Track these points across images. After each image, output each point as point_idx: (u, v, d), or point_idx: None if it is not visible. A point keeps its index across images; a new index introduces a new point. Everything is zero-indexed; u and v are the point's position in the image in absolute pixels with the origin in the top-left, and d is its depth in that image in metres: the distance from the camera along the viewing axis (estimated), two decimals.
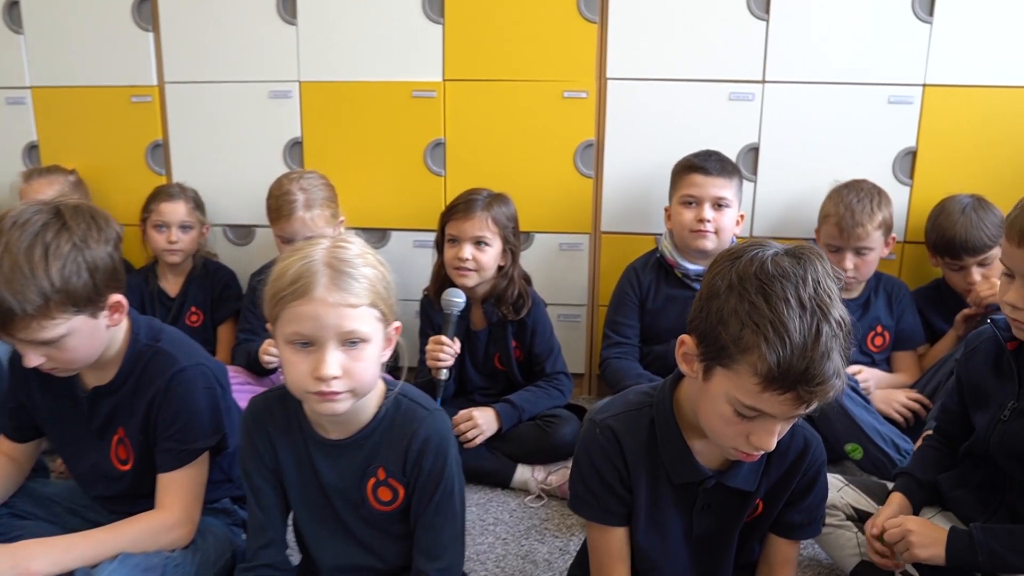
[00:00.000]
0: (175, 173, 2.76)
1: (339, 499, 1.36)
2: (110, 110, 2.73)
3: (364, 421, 1.33)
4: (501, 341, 2.26)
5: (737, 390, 1.07)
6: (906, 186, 2.48)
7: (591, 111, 2.53)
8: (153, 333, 1.54)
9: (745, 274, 1.07)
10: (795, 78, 2.45)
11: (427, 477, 1.31)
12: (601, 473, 1.27)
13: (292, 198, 2.34)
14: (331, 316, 1.18)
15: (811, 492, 1.30)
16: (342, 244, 1.25)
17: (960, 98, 2.41)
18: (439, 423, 1.34)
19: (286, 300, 1.20)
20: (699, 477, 1.25)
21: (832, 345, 1.03)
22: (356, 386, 1.23)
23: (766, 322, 1.02)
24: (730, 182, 2.26)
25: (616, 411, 1.29)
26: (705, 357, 1.12)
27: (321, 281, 1.18)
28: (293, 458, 1.36)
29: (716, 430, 1.15)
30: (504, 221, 2.20)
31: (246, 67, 2.64)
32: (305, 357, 1.21)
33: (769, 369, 1.02)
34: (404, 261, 2.67)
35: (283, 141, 2.68)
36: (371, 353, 1.23)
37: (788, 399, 1.04)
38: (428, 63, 2.55)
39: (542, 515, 2.02)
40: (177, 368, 1.49)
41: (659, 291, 2.36)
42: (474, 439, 2.11)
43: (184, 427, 1.49)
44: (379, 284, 1.24)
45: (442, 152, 2.61)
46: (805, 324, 1.02)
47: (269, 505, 1.38)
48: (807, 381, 1.02)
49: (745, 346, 1.04)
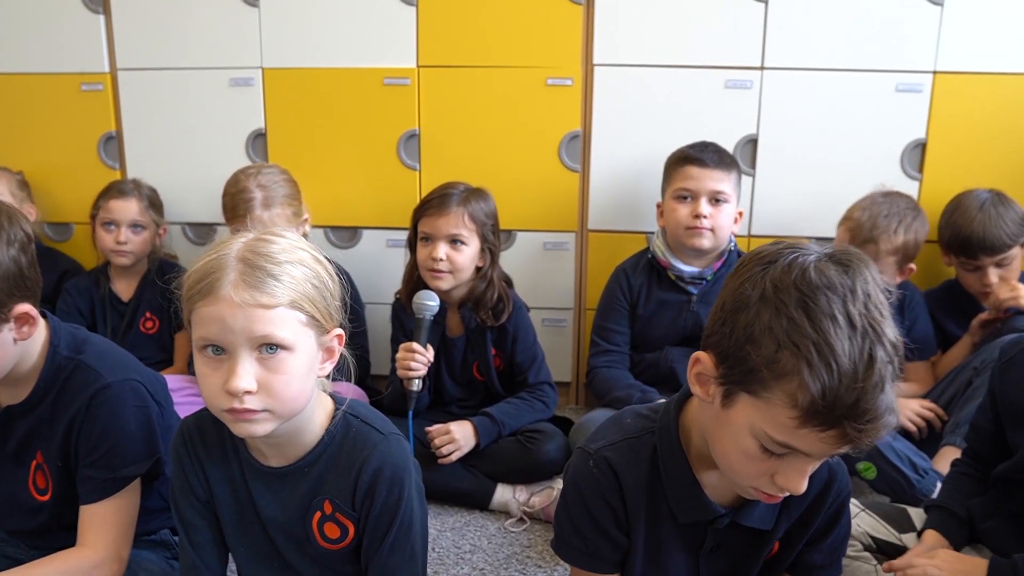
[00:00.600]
0: (129, 168, 2.61)
1: (280, 535, 1.20)
2: (58, 99, 2.58)
3: (308, 446, 1.17)
4: (480, 348, 2.11)
5: (767, 423, 0.90)
6: (915, 181, 2.35)
7: (577, 100, 2.41)
8: (75, 344, 1.36)
9: (782, 283, 0.90)
10: (796, 64, 2.32)
11: (380, 512, 1.15)
12: (594, 514, 1.10)
13: (249, 196, 2.18)
14: (239, 318, 1.02)
15: (834, 529, 1.14)
16: (266, 237, 1.08)
17: (973, 86, 2.28)
18: (395, 449, 1.17)
19: (193, 300, 1.05)
20: (709, 516, 1.08)
21: (886, 373, 0.86)
22: (276, 405, 1.05)
23: (809, 343, 0.85)
24: (728, 175, 2.10)
25: (612, 440, 1.12)
26: (727, 380, 0.95)
27: (229, 277, 1.03)
28: (228, 488, 1.20)
29: (734, 467, 0.98)
30: (482, 218, 2.05)
31: (205, 52, 2.50)
32: (216, 368, 1.04)
33: (812, 401, 0.85)
34: (376, 262, 2.54)
35: (245, 132, 2.54)
36: (295, 365, 1.06)
37: (830, 437, 0.87)
38: (401, 48, 2.42)
39: (524, 541, 1.87)
40: (101, 384, 1.32)
41: (651, 295, 2.20)
42: (450, 455, 1.95)
43: (109, 452, 1.32)
44: (308, 283, 1.07)
45: (416, 144, 2.48)
46: (856, 347, 0.85)
47: (203, 542, 1.21)
48: (856, 417, 0.85)
49: (782, 371, 0.87)
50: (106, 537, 1.31)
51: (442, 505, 2.00)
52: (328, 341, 1.12)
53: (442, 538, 1.86)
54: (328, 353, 1.13)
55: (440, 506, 1.99)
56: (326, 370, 1.13)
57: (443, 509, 1.99)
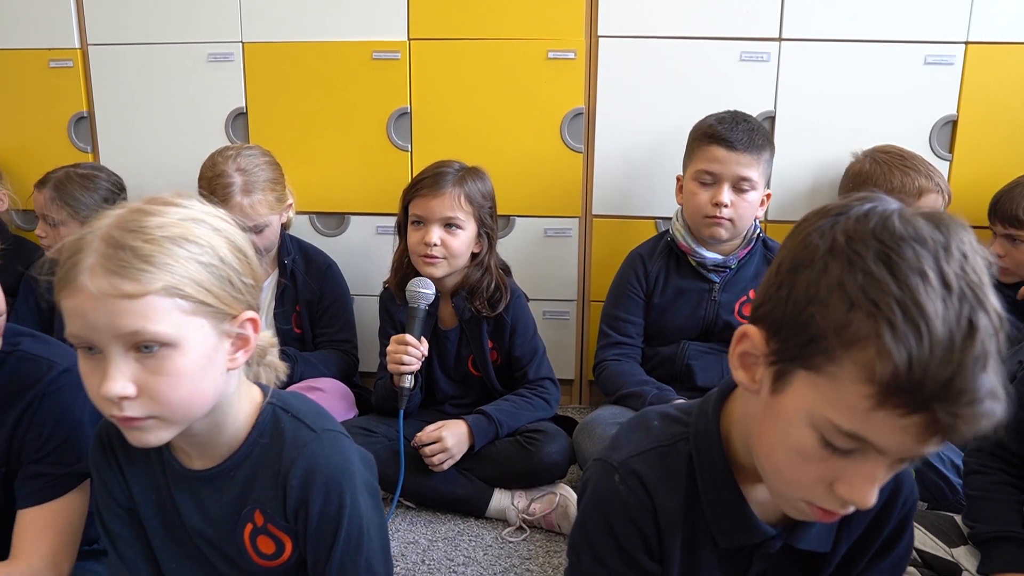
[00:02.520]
0: (102, 150, 2.48)
1: (210, 549, 1.05)
2: (24, 77, 2.45)
3: (233, 445, 1.01)
4: (475, 341, 1.96)
5: (831, 407, 0.71)
6: (945, 161, 2.21)
7: (580, 75, 2.27)
8: (6, 338, 1.21)
9: (857, 233, 0.72)
10: (817, 35, 2.19)
11: (319, 524, 0.99)
12: (621, 541, 0.91)
13: (228, 181, 2.02)
14: (100, 311, 0.85)
15: (897, 545, 0.96)
16: (145, 208, 0.91)
17: (1009, 58, 2.14)
18: (328, 449, 1.01)
19: (57, 288, 0.89)
20: (757, 539, 0.90)
21: (990, 347, 0.67)
22: (163, 410, 0.90)
23: (892, 301, 0.67)
24: (758, 159, 1.93)
25: (640, 448, 0.93)
26: (780, 357, 0.76)
27: (87, 263, 0.86)
28: (152, 496, 1.06)
29: (782, 472, 0.79)
30: (479, 199, 1.90)
31: (182, 26, 2.37)
32: (94, 369, 0.89)
33: (895, 373, 0.66)
34: (365, 250, 2.41)
35: (225, 112, 2.40)
36: (183, 363, 0.89)
37: (914, 425, 0.68)
38: (391, 20, 2.29)
39: (523, 552, 1.71)
40: (58, 370, 1.19)
41: (668, 282, 2.03)
42: (441, 464, 1.81)
43: (63, 445, 1.19)
44: (193, 263, 0.89)
45: (407, 123, 2.34)
46: (952, 311, 0.67)
47: (132, 556, 1.08)
48: (951, 398, 0.66)
49: (854, 336, 0.69)
50: (44, 547, 1.17)
51: (433, 512, 1.85)
52: (236, 328, 0.94)
53: (433, 549, 1.70)
54: (240, 341, 0.96)
55: (431, 514, 1.84)
56: (239, 361, 0.96)
57: (435, 517, 1.83)
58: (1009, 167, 2.11)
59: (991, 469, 1.32)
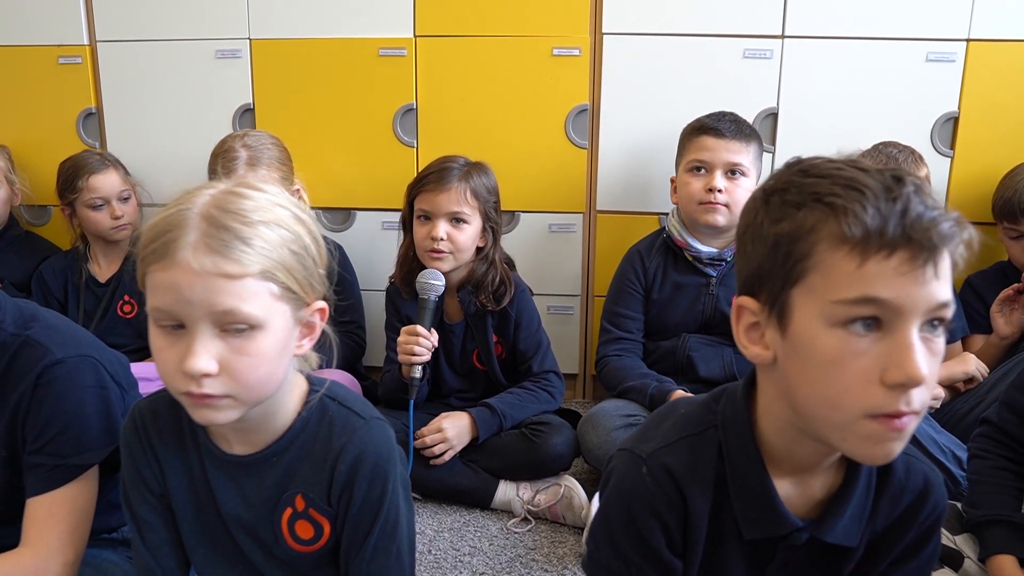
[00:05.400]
0: (110, 146, 2.48)
1: (244, 535, 1.05)
2: (33, 74, 2.45)
3: (278, 432, 1.02)
4: (480, 335, 1.97)
5: (831, 288, 0.76)
6: (947, 157, 2.22)
7: (584, 71, 2.28)
8: (22, 320, 1.21)
9: (779, 173, 0.84)
10: (819, 32, 2.19)
11: (361, 508, 1.01)
12: (644, 535, 0.90)
13: (233, 155, 2.05)
14: (197, 288, 0.87)
15: (923, 549, 0.95)
16: (238, 191, 0.92)
17: (1011, 55, 2.14)
18: (377, 436, 1.02)
19: (147, 262, 0.89)
20: (785, 529, 0.88)
21: (925, 188, 0.76)
22: (240, 390, 0.91)
23: (828, 183, 0.77)
24: (747, 147, 1.95)
25: (668, 439, 0.92)
26: (773, 295, 0.81)
27: (189, 239, 0.87)
28: (185, 481, 1.05)
29: (832, 394, 0.77)
30: (484, 194, 1.92)
31: (190, 23, 2.38)
32: (173, 343, 0.90)
33: (861, 224, 0.74)
34: (371, 245, 2.42)
35: (232, 108, 2.41)
36: (266, 345, 0.91)
37: (904, 260, 0.74)
38: (397, 17, 2.30)
39: (529, 542, 1.73)
40: (50, 361, 1.17)
41: (667, 278, 2.05)
42: (442, 455, 1.82)
43: (60, 436, 1.17)
44: (285, 249, 0.92)
45: (413, 119, 2.35)
46: (875, 175, 0.77)
47: (158, 543, 1.07)
48: (916, 226, 0.73)
49: (815, 223, 0.77)
50: (50, 535, 1.17)
51: (439, 504, 1.86)
52: (308, 316, 0.97)
53: (439, 539, 1.72)
54: (307, 329, 0.98)
55: (437, 505, 1.86)
56: (304, 348, 0.99)
57: (440, 508, 1.85)
58: (1010, 163, 2.11)
59: (992, 454, 1.33)
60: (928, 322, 0.76)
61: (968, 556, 1.28)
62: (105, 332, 2.18)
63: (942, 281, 0.75)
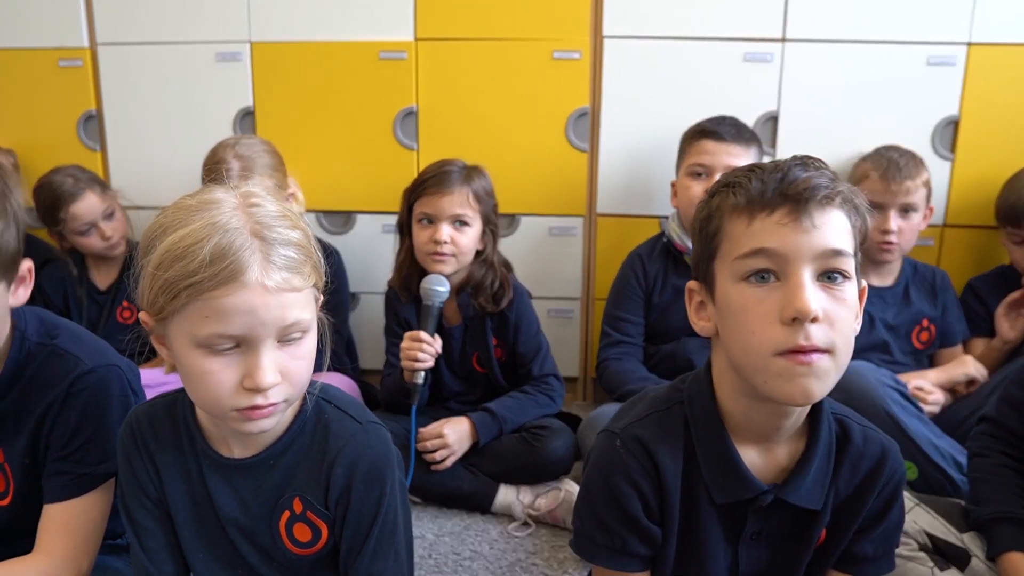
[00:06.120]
0: (111, 149, 2.48)
1: (242, 538, 1.06)
2: (34, 76, 2.44)
3: (276, 434, 1.03)
4: (479, 338, 1.97)
5: (733, 249, 0.91)
6: (947, 161, 2.22)
7: (585, 74, 2.28)
8: (45, 329, 1.22)
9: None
10: (820, 36, 2.20)
11: (359, 512, 1.02)
12: (622, 503, 0.98)
13: (226, 167, 2.04)
14: (272, 306, 0.88)
15: (887, 515, 1.02)
16: (253, 200, 0.93)
17: (1009, 58, 2.15)
18: (374, 439, 1.03)
19: (201, 288, 0.87)
20: (751, 493, 0.96)
21: (818, 166, 0.91)
22: (293, 392, 0.95)
23: (727, 178, 0.95)
24: (747, 150, 1.96)
25: (640, 415, 1.01)
26: (704, 274, 0.96)
27: (253, 260, 0.88)
28: (183, 485, 1.06)
29: (749, 339, 0.89)
30: (485, 197, 1.93)
31: (190, 26, 2.37)
32: (228, 364, 0.90)
33: (747, 192, 0.90)
34: (371, 248, 2.41)
35: (232, 111, 2.41)
36: (311, 345, 0.96)
37: (784, 215, 0.87)
38: (397, 20, 2.29)
39: (529, 546, 1.72)
40: (82, 370, 1.19)
41: (667, 282, 2.06)
42: (443, 461, 1.82)
43: (86, 445, 1.18)
44: (312, 249, 0.96)
45: (414, 122, 2.35)
46: (779, 162, 0.92)
47: (156, 548, 1.07)
48: (791, 186, 0.87)
49: (719, 204, 0.94)
50: (64, 544, 1.17)
51: (439, 508, 1.86)
52: (318, 311, 0.99)
53: (439, 544, 1.72)
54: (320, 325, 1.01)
55: (437, 509, 1.85)
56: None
57: (440, 512, 1.84)
58: (1011, 167, 2.11)
59: (992, 452, 1.34)
60: (825, 273, 0.87)
61: (975, 555, 1.28)
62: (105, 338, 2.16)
63: (824, 231, 0.86)
